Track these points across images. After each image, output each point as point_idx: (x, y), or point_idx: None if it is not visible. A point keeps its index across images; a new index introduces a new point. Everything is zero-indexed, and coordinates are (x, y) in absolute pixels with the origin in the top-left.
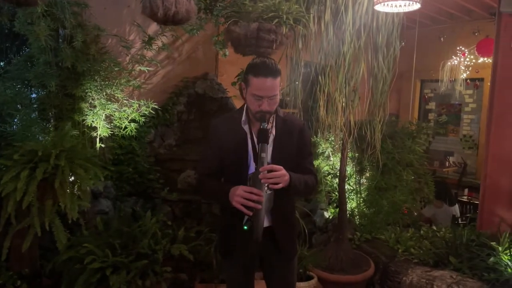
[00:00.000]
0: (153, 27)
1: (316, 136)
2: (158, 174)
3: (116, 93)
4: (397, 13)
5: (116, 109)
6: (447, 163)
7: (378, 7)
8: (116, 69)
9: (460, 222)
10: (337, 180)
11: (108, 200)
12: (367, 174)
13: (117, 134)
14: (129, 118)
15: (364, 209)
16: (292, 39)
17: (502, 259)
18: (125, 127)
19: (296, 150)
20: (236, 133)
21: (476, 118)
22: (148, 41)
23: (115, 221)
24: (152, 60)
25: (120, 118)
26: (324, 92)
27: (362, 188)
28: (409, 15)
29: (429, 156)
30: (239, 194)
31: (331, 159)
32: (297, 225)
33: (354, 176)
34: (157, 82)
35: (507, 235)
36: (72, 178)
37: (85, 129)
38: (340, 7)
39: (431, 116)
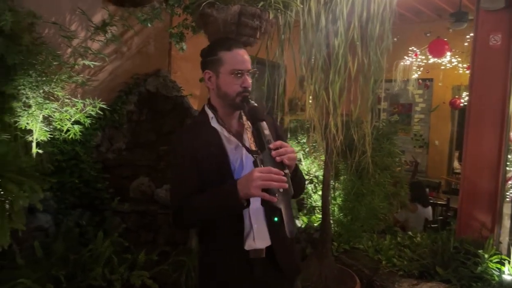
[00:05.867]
0: (98, 16)
1: (286, 138)
2: (106, 183)
3: (56, 91)
4: (390, 2)
5: (56, 109)
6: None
7: None
8: (55, 63)
9: (432, 226)
10: (311, 186)
11: (47, 215)
12: (341, 179)
13: (58, 138)
14: (72, 120)
15: (341, 216)
16: (275, 29)
17: (489, 266)
18: (68, 130)
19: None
20: (207, 136)
21: (426, 117)
22: (102, 27)
23: (58, 244)
24: (99, 53)
25: (61, 119)
26: (310, 90)
27: (336, 193)
28: None
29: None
30: (258, 177)
31: (302, 163)
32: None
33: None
34: (104, 79)
35: (491, 241)
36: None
37: (18, 133)
38: None
39: (383, 115)
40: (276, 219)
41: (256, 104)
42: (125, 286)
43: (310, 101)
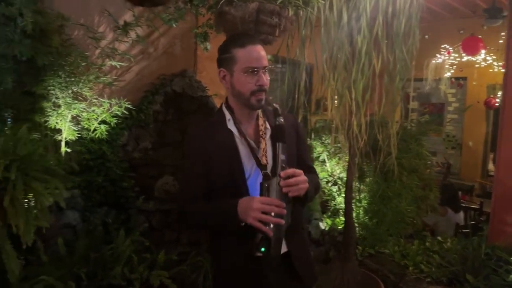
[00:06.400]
0: (126, 17)
1: (310, 139)
2: (132, 181)
3: (84, 91)
4: None
5: (84, 109)
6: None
7: None
8: (83, 63)
9: (463, 231)
10: (335, 188)
11: (75, 212)
12: (366, 181)
13: (85, 137)
14: (99, 119)
15: (366, 219)
16: (295, 26)
17: None
18: (95, 129)
19: (296, 146)
20: (222, 138)
21: (459, 118)
22: (124, 28)
23: (81, 242)
24: (125, 54)
25: (88, 119)
26: (332, 89)
27: (361, 196)
28: None
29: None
30: (257, 208)
31: (327, 164)
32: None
33: (354, 183)
34: (131, 79)
35: None
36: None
37: (48, 132)
38: None
39: (413, 115)
40: (263, 249)
41: (283, 123)
42: (144, 285)
43: (334, 101)
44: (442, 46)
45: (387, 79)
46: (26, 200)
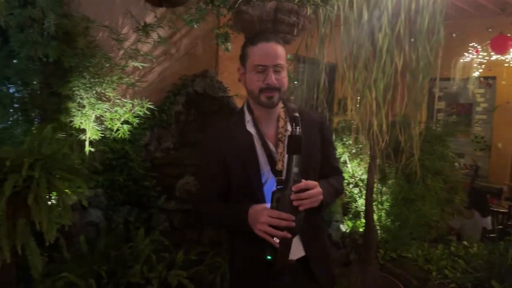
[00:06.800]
0: (148, 19)
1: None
2: (154, 181)
3: (108, 92)
4: None
5: (107, 109)
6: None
7: None
8: (107, 65)
9: (490, 235)
10: (356, 190)
11: (98, 210)
12: (389, 182)
13: (109, 137)
14: (122, 119)
15: (388, 222)
16: (314, 25)
17: None
18: (117, 129)
19: (321, 148)
20: (240, 139)
21: (488, 118)
22: (144, 29)
23: (102, 241)
24: (148, 55)
25: (111, 119)
26: (352, 89)
27: (384, 198)
28: None
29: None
30: (264, 222)
31: (348, 165)
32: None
33: (376, 185)
34: (153, 80)
35: None
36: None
37: (73, 132)
38: None
39: (440, 116)
40: (269, 257)
41: (300, 134)
42: (162, 285)
43: (353, 101)
44: (470, 44)
45: (410, 78)
46: (50, 198)
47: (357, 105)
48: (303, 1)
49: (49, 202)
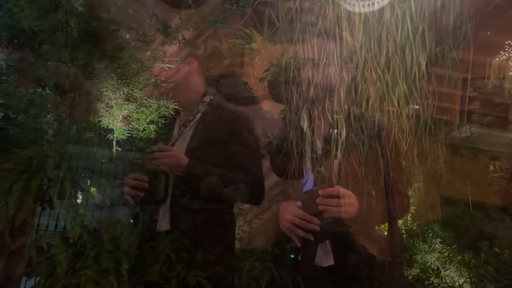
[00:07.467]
0: (173, 22)
1: None
2: (179, 180)
3: (135, 92)
4: None
5: (134, 109)
6: (491, 167)
7: None
8: (134, 66)
9: None
10: None
11: (125, 208)
12: (414, 186)
13: (135, 137)
14: (148, 120)
15: (414, 226)
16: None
17: None
18: (143, 129)
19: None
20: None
21: None
22: (164, 31)
23: (124, 239)
24: (173, 56)
25: (138, 119)
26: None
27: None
28: None
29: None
30: (287, 219)
31: None
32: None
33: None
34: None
35: None
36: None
37: (102, 132)
38: None
39: (475, 117)
40: (292, 256)
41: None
42: (181, 284)
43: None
44: (507, 42)
45: (434, 78)
46: (75, 197)
47: (379, 107)
48: (322, 0)
49: (74, 201)
